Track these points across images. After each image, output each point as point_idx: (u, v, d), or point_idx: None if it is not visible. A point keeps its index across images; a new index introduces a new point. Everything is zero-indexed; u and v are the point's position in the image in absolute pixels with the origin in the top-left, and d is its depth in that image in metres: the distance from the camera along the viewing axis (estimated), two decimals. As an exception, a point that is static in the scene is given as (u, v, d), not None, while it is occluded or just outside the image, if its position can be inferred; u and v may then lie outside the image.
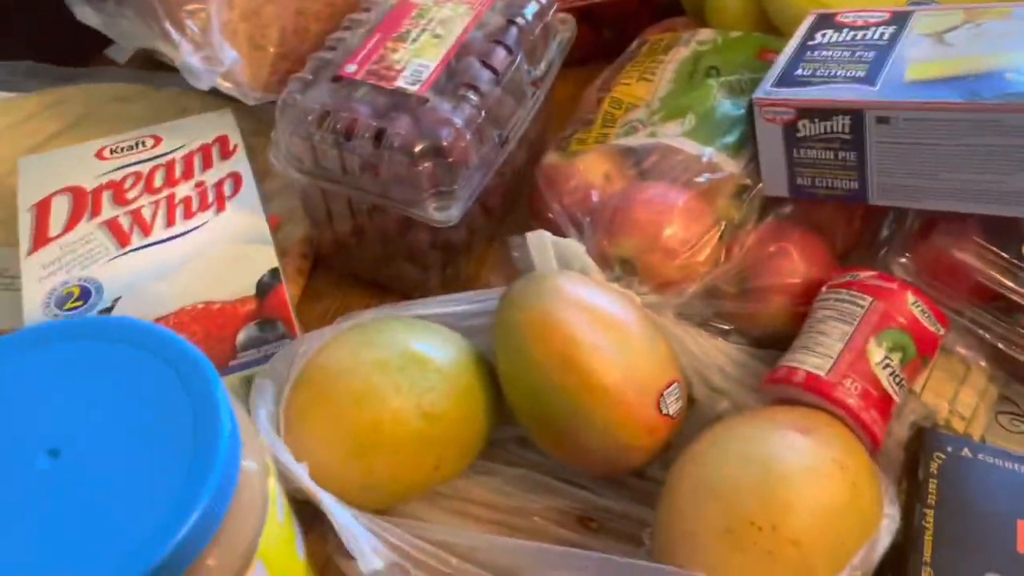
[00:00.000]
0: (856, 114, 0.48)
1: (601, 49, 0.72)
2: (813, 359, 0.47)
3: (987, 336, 0.50)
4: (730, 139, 0.55)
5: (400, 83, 0.52)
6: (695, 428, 0.48)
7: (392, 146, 0.50)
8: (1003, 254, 0.48)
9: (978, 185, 0.47)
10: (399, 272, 0.58)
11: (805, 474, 0.42)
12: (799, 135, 0.51)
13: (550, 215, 0.57)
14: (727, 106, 0.57)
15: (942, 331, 0.48)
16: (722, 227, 0.53)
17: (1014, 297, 0.48)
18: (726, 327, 0.55)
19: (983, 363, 0.52)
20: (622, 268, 0.53)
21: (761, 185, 0.54)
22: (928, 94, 0.46)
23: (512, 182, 0.61)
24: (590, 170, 0.56)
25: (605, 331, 0.46)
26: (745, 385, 0.51)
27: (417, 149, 0.50)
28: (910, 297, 0.48)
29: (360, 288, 0.61)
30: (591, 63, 0.69)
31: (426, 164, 0.50)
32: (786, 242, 0.53)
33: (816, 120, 0.50)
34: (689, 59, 0.62)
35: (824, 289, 0.51)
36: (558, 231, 0.56)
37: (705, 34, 0.64)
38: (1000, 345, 0.49)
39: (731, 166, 0.54)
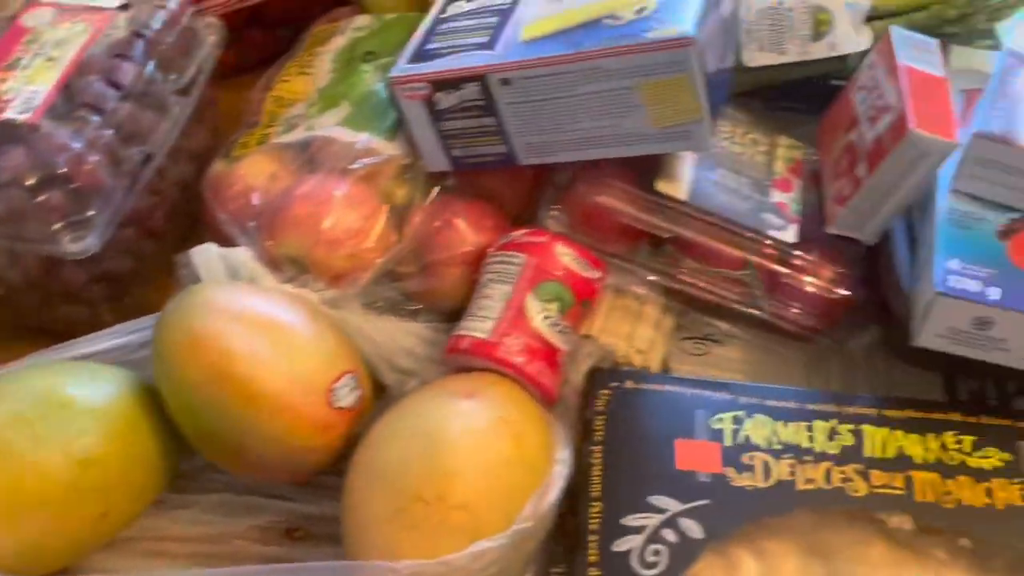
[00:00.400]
0: (481, 80, 0.49)
1: (278, 50, 0.70)
2: (477, 323, 0.48)
3: (647, 273, 0.53)
4: (386, 122, 0.55)
5: (9, 114, 0.48)
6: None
7: (3, 182, 0.46)
8: (639, 192, 0.51)
9: (600, 131, 0.49)
10: (64, 314, 0.54)
11: (467, 437, 0.42)
12: (439, 108, 0.51)
13: (219, 225, 0.55)
14: (381, 90, 0.57)
15: (597, 274, 0.50)
16: (389, 210, 0.53)
17: (655, 231, 0.51)
18: (415, 307, 0.55)
19: (656, 298, 0.55)
20: (293, 268, 0.52)
21: (422, 163, 0.54)
22: (537, 50, 0.48)
23: (180, 199, 0.58)
24: (251, 173, 0.55)
25: (262, 337, 0.45)
26: (434, 361, 0.52)
27: (31, 181, 0.46)
28: (559, 248, 0.49)
29: (30, 338, 0.56)
30: (270, 66, 0.67)
31: (47, 195, 0.46)
32: (451, 214, 0.53)
33: (450, 91, 0.50)
34: (346, 47, 0.61)
35: (488, 255, 0.52)
36: (228, 240, 0.54)
37: (362, 20, 0.63)
38: (656, 278, 0.52)
39: (389, 148, 0.54)
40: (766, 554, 0.45)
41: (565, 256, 0.49)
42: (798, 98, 0.64)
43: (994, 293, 0.43)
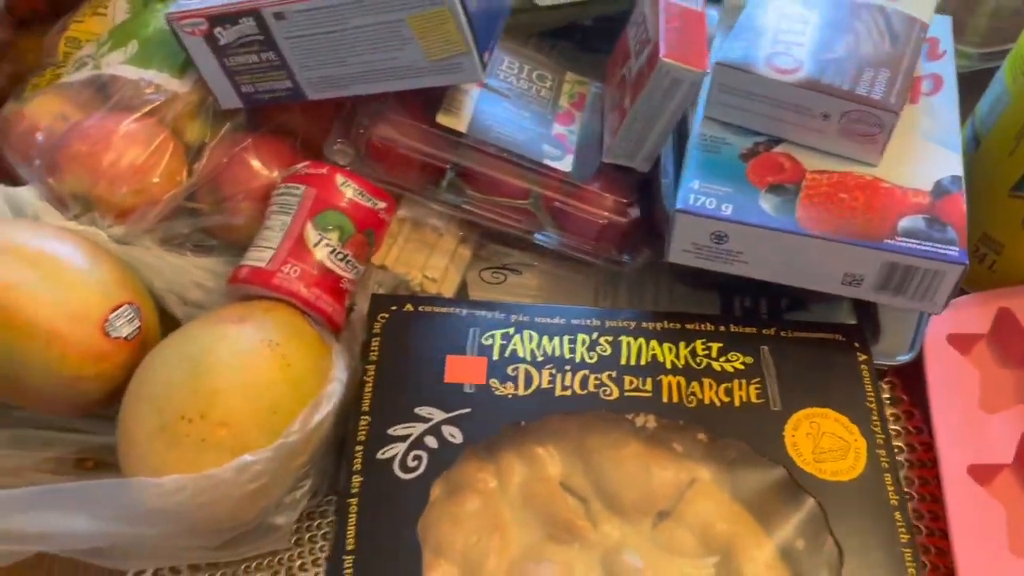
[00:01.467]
0: (256, 14, 0.50)
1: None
2: (258, 253, 0.50)
3: (437, 205, 0.55)
4: (176, 60, 0.55)
5: None
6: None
7: None
8: (419, 125, 0.53)
9: (379, 64, 0.50)
10: None
11: (231, 359, 0.44)
12: (221, 43, 0.52)
13: (9, 167, 0.54)
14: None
15: (382, 205, 0.52)
16: (177, 147, 0.53)
17: (438, 163, 0.53)
18: (213, 244, 0.56)
19: (453, 231, 0.58)
20: (77, 205, 0.52)
21: (213, 99, 0.55)
22: (306, -17, 0.49)
23: (-28, 142, 0.57)
24: (38, 112, 0.54)
25: (30, 269, 0.45)
26: (225, 295, 0.53)
27: None
28: (339, 179, 0.51)
29: None
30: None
31: None
32: (242, 150, 0.54)
33: (228, 26, 0.51)
34: (143, -13, 0.61)
35: (275, 188, 0.53)
36: (18, 182, 0.54)
37: (163, -40, 0.63)
38: (444, 210, 0.55)
39: (175, 85, 0.54)
40: (533, 457, 0.48)
41: (345, 186, 0.51)
42: (604, 37, 0.67)
43: (727, 209, 0.47)
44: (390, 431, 0.45)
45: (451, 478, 0.46)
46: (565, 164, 0.55)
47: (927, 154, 0.50)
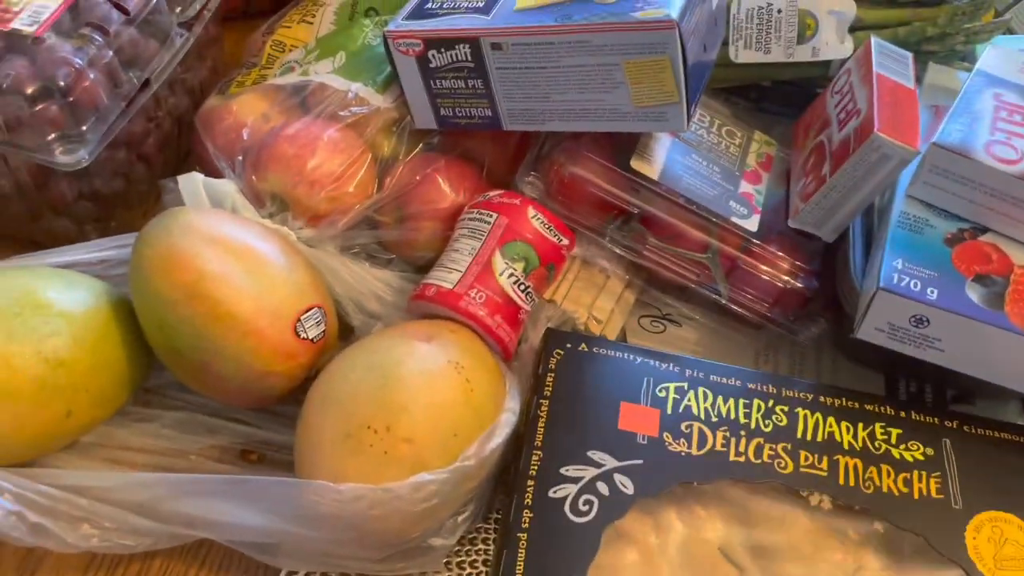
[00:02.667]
0: (474, 42, 0.51)
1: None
2: (445, 274, 0.50)
3: (614, 247, 0.55)
4: (380, 75, 0.57)
5: (16, 25, 0.50)
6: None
7: (3, 88, 0.48)
8: (613, 167, 0.53)
9: (583, 104, 0.51)
10: (51, 227, 0.55)
11: (419, 376, 0.44)
12: (431, 66, 0.53)
13: (209, 158, 0.57)
14: (378, 44, 0.59)
15: (565, 241, 0.52)
16: (372, 160, 0.55)
17: (624, 206, 0.53)
18: (388, 256, 0.57)
19: (619, 272, 0.58)
20: (274, 204, 0.54)
21: (410, 118, 0.56)
22: (529, 19, 0.50)
23: (173, 130, 0.60)
24: (244, 110, 0.56)
25: (236, 262, 0.47)
26: (400, 308, 0.54)
27: (30, 90, 0.48)
28: (531, 211, 0.51)
29: (17, 249, 0.57)
30: (276, 13, 0.68)
31: (45, 106, 0.48)
32: (433, 170, 0.55)
33: (443, 50, 0.52)
34: (349, 2, 0.63)
35: (464, 211, 0.54)
36: (217, 173, 0.56)
37: (368, -23, 0.65)
38: (622, 252, 0.55)
39: (378, 100, 0.56)
40: (693, 517, 0.47)
41: (535, 220, 0.51)
42: (780, 100, 0.66)
43: (933, 293, 0.46)
44: (562, 470, 0.45)
45: (617, 527, 0.45)
46: (751, 223, 0.54)
47: None
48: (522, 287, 0.50)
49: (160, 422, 0.51)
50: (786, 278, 0.54)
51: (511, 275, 0.50)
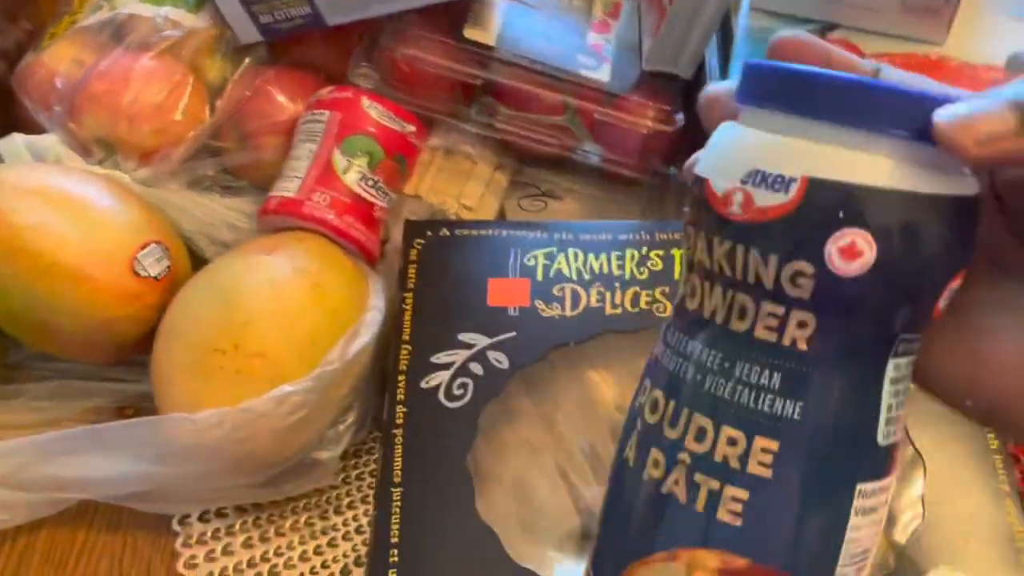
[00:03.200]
0: (268, -66, 0.48)
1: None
2: (287, 184, 0.47)
3: (471, 128, 0.53)
4: (189, -5, 0.53)
5: None
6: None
7: None
8: (446, 40, 0.50)
9: (399, -21, 0.48)
10: None
11: (262, 288, 0.42)
12: (233, -29, 0.50)
13: (30, 117, 0.53)
14: (186, -37, 0.55)
15: (411, 128, 0.50)
16: (198, 84, 0.51)
17: (466, 79, 0.50)
18: (241, 184, 0.54)
19: (489, 157, 0.55)
20: (102, 150, 0.51)
21: (231, 34, 0.53)
22: None
23: (-6, 97, 0.56)
24: (54, 59, 0.53)
25: (55, 211, 0.44)
26: (255, 233, 0.51)
27: None
28: (365, 102, 0.48)
29: None
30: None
31: None
32: (262, 81, 0.52)
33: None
34: (154, -74, 0.59)
35: (299, 118, 0.51)
36: (40, 131, 0.52)
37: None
38: (476, 130, 0.52)
39: (192, 21, 0.52)
40: (586, 383, 0.46)
41: (372, 110, 0.48)
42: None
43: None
44: (433, 359, 0.43)
45: (500, 405, 0.43)
46: (602, 74, 0.51)
47: (998, 26, 0.45)
48: (370, 182, 0.48)
49: (28, 395, 0.48)
50: (650, 123, 0.51)
51: (356, 170, 0.47)
